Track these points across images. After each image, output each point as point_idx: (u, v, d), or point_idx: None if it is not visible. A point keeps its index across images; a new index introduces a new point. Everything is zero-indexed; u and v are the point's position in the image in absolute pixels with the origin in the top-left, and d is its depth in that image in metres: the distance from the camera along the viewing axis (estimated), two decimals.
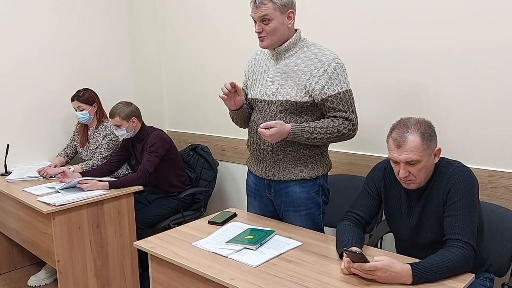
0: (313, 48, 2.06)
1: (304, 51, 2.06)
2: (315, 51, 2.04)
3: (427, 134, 1.70)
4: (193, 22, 3.57)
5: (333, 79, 1.98)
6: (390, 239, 2.19)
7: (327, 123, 2.01)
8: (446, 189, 1.72)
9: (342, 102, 2.00)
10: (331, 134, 2.00)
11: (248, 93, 2.24)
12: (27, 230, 2.84)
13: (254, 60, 2.24)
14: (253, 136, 2.16)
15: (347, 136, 2.04)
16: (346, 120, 2.01)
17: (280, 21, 2.00)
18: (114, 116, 3.02)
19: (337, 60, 2.02)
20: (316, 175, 2.12)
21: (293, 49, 2.07)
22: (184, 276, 1.81)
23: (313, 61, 2.01)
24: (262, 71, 2.16)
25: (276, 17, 1.99)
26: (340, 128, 2.00)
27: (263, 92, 2.11)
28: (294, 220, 2.15)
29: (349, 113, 2.01)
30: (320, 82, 1.98)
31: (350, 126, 2.02)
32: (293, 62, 2.05)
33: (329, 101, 1.99)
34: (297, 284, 1.58)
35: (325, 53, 2.03)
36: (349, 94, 2.03)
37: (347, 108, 2.01)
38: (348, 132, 2.03)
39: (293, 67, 2.05)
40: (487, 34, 2.16)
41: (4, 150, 3.23)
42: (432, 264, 1.56)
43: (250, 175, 2.30)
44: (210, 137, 3.59)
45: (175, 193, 3.18)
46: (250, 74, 2.23)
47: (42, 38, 3.47)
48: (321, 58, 2.01)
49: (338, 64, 2.01)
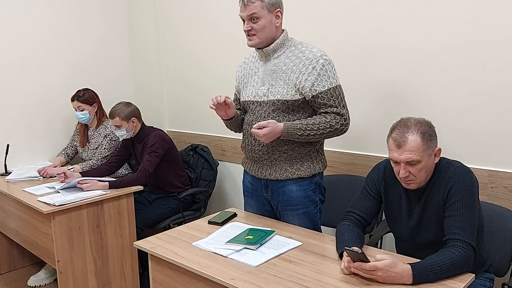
0: (300, 47, 2.09)
1: (291, 50, 2.08)
2: (303, 49, 2.07)
3: (428, 134, 1.70)
4: (194, 20, 3.57)
5: (322, 76, 2.01)
6: (390, 239, 2.18)
7: (319, 119, 2.03)
8: (446, 189, 1.72)
9: (333, 97, 2.02)
10: (324, 130, 2.02)
11: (240, 97, 2.27)
12: (27, 230, 2.85)
13: (244, 64, 2.28)
14: (247, 137, 2.18)
15: (340, 131, 2.06)
16: (337, 115, 2.03)
17: (268, 19, 2.03)
18: (114, 116, 3.02)
19: (325, 56, 2.05)
20: (313, 173, 2.13)
21: (281, 49, 2.10)
22: (184, 276, 1.81)
23: (301, 59, 2.04)
24: (252, 73, 2.19)
25: (264, 15, 2.02)
26: (332, 124, 2.02)
27: (255, 94, 2.14)
28: (292, 219, 2.15)
29: (340, 108, 2.03)
30: (310, 79, 2.00)
31: (342, 120, 2.04)
32: (282, 62, 2.08)
33: (320, 97, 2.01)
34: (297, 284, 1.58)
35: (312, 51, 2.05)
36: (339, 89, 2.05)
37: (338, 103, 2.03)
38: (340, 127, 2.04)
39: (282, 66, 2.07)
40: (486, 32, 2.16)
41: (4, 150, 3.24)
42: (432, 264, 1.56)
43: (247, 175, 2.31)
44: (210, 137, 3.59)
45: (175, 193, 3.18)
46: (241, 78, 2.27)
47: (42, 37, 3.47)
48: (309, 55, 2.04)
49: (326, 60, 2.03)
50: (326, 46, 2.37)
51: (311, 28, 2.75)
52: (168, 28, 3.79)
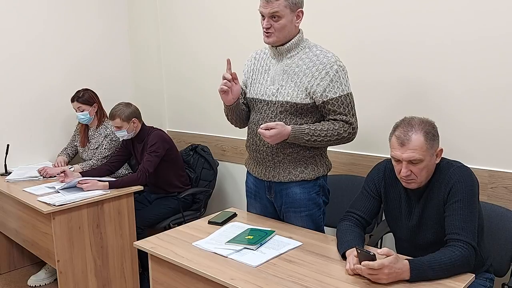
0: (315, 50, 2.04)
1: (305, 52, 2.04)
2: (317, 53, 2.03)
3: (431, 134, 1.70)
4: (194, 20, 3.56)
5: (334, 82, 1.98)
6: (390, 239, 2.18)
7: (327, 125, 2.00)
8: (446, 189, 1.72)
9: (343, 105, 2.00)
10: (331, 137, 2.00)
11: (247, 92, 2.21)
12: (27, 230, 2.85)
13: (254, 59, 2.22)
14: (252, 137, 2.15)
15: (346, 140, 2.04)
16: (346, 124, 2.00)
17: (289, 19, 1.98)
18: (114, 118, 3.02)
19: (339, 62, 2.01)
20: (316, 176, 2.11)
21: (295, 49, 2.05)
22: (184, 276, 1.81)
23: (315, 62, 2.00)
24: (262, 70, 2.14)
25: (286, 14, 1.97)
26: (340, 132, 2.00)
27: (263, 92, 2.10)
28: (295, 221, 2.14)
29: (349, 117, 2.01)
30: (322, 85, 1.97)
31: (350, 129, 2.02)
32: (295, 63, 2.04)
33: (330, 103, 1.99)
34: (297, 284, 1.58)
35: (327, 55, 2.01)
36: (350, 97, 2.03)
37: (348, 112, 2.01)
38: (348, 136, 2.02)
39: (294, 67, 2.03)
40: (488, 32, 2.16)
41: (4, 150, 3.23)
42: (430, 260, 1.56)
43: (250, 176, 2.29)
44: (210, 137, 3.59)
45: (175, 193, 3.18)
46: (249, 73, 2.21)
47: (42, 36, 3.47)
48: (323, 60, 2.00)
49: (340, 67, 2.00)
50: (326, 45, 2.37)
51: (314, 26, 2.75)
52: (168, 28, 3.79)
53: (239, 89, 2.09)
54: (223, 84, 2.03)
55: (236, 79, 2.06)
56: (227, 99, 2.09)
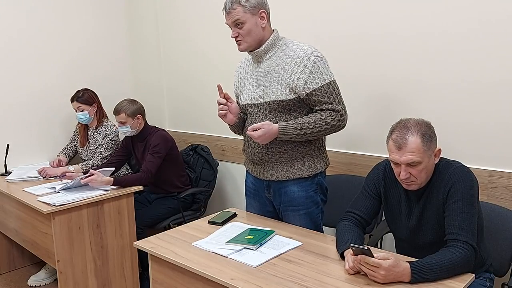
0: (291, 45, 2.07)
1: (283, 50, 2.08)
2: (293, 48, 2.06)
3: (427, 135, 1.70)
4: (194, 17, 3.56)
5: (314, 73, 2.00)
6: (390, 239, 2.18)
7: (314, 117, 2.02)
8: (446, 189, 1.72)
9: (327, 94, 2.01)
10: (320, 127, 2.01)
11: (239, 101, 2.27)
12: (27, 230, 2.85)
13: (240, 68, 2.28)
14: (247, 141, 2.19)
15: (337, 127, 2.05)
16: (333, 112, 2.02)
17: (253, 22, 2.03)
18: (119, 113, 3.03)
19: (316, 53, 2.03)
20: (314, 173, 2.12)
21: (272, 49, 2.09)
22: (184, 276, 1.81)
23: (292, 58, 2.03)
24: (247, 76, 2.19)
25: (248, 19, 2.02)
26: (328, 120, 2.01)
27: (251, 97, 2.14)
28: (293, 219, 2.15)
29: (335, 104, 2.02)
30: (302, 78, 1.99)
31: (338, 116, 2.03)
32: (274, 62, 2.07)
33: (314, 94, 2.00)
34: (297, 284, 1.58)
35: (302, 48, 2.04)
36: (333, 85, 2.04)
37: (333, 99, 2.02)
38: (337, 123, 2.03)
39: (274, 67, 2.07)
40: (486, 32, 2.16)
41: (4, 150, 3.24)
42: (431, 262, 1.56)
43: (249, 175, 2.31)
44: (210, 137, 3.59)
45: (175, 193, 3.18)
46: (238, 82, 2.27)
47: (41, 35, 3.47)
48: (300, 53, 2.02)
49: (317, 57, 2.02)
50: (326, 44, 2.37)
51: (303, 24, 2.75)
52: (168, 25, 3.78)
53: (236, 106, 2.16)
54: (220, 109, 2.11)
55: (230, 98, 2.12)
56: (228, 119, 2.15)
